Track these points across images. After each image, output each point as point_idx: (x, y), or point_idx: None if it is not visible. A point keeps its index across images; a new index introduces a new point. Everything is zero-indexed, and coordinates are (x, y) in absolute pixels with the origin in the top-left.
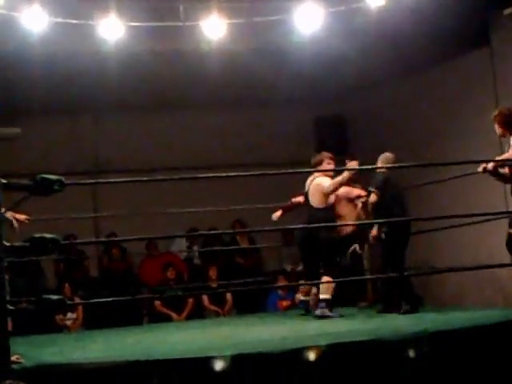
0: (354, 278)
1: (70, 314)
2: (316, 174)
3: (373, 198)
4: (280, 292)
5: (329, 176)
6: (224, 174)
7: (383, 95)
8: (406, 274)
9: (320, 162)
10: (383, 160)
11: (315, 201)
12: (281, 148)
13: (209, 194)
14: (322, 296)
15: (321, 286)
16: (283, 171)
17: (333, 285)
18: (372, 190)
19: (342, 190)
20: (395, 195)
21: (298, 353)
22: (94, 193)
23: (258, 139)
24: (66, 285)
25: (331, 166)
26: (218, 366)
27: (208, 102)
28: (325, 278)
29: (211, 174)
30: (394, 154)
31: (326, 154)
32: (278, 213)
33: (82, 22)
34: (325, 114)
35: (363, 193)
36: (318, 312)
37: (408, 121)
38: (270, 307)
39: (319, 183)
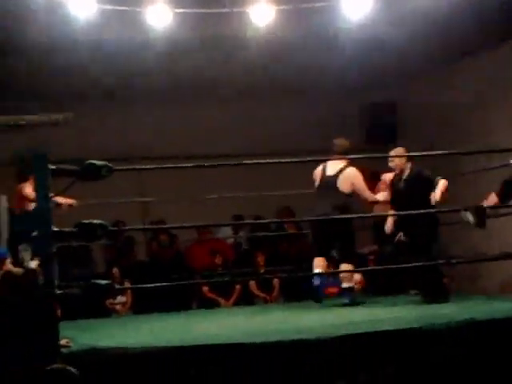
0: (400, 266)
1: (119, 299)
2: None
3: None
4: (327, 279)
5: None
6: (273, 161)
7: (433, 81)
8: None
9: (349, 151)
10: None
11: (346, 188)
12: (328, 135)
13: (256, 181)
14: (345, 284)
15: (343, 274)
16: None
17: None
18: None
19: (389, 176)
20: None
21: (346, 339)
22: (142, 179)
23: (304, 126)
24: (115, 270)
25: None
26: (265, 352)
27: (256, 89)
28: (344, 265)
29: (259, 161)
30: (404, 148)
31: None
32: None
33: (129, 8)
34: (373, 100)
35: None
36: (347, 299)
37: (458, 108)
38: (321, 293)
39: (353, 179)
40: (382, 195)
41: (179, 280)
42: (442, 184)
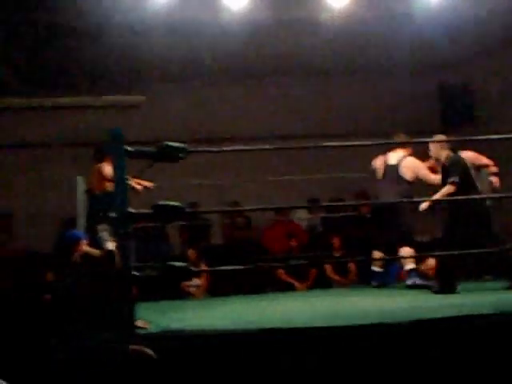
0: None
1: (194, 281)
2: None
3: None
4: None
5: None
6: (348, 143)
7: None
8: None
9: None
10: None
11: (409, 175)
12: (404, 117)
13: (332, 164)
14: (408, 266)
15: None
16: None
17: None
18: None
19: (469, 155)
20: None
21: (421, 324)
22: (218, 161)
23: (381, 108)
24: (191, 252)
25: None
26: (342, 335)
27: (331, 70)
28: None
29: (337, 143)
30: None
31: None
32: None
33: None
34: (449, 81)
35: (491, 162)
36: (409, 282)
37: None
38: (392, 278)
39: (415, 166)
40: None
41: (254, 263)
42: (443, 190)
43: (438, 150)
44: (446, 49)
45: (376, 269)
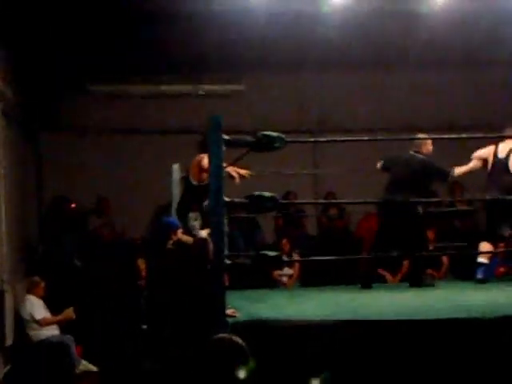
0: None
1: (286, 270)
2: None
3: None
4: (497, 258)
5: None
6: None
7: None
8: None
9: None
10: None
11: None
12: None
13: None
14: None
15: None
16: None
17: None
18: None
19: None
20: None
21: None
22: (315, 152)
23: (480, 99)
24: (285, 241)
25: None
26: (431, 328)
27: (427, 60)
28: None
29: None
30: None
31: None
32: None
33: None
34: None
35: None
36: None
37: None
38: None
39: None
40: None
41: (348, 254)
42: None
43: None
44: None
45: (483, 260)
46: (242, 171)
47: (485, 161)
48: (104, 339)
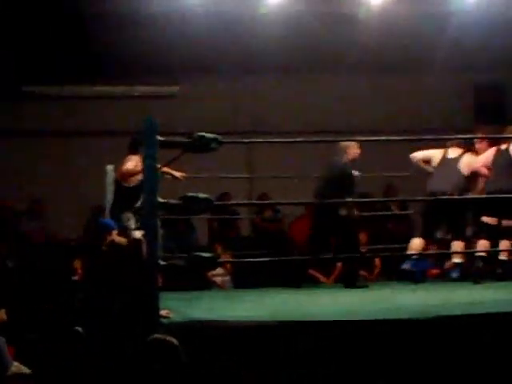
0: None
1: (219, 272)
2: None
3: None
4: (429, 260)
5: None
6: (382, 138)
7: None
8: None
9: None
10: None
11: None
12: (438, 114)
13: (361, 159)
14: (456, 260)
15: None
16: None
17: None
18: None
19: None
20: None
21: (443, 321)
22: (249, 153)
23: (415, 105)
24: (218, 242)
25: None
26: (362, 330)
27: (365, 66)
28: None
29: (366, 138)
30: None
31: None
32: None
33: None
34: (484, 81)
35: None
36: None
37: None
38: (418, 274)
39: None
40: None
41: (281, 255)
42: None
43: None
44: (483, 49)
45: (457, 260)
46: (177, 173)
47: (427, 162)
48: (38, 341)
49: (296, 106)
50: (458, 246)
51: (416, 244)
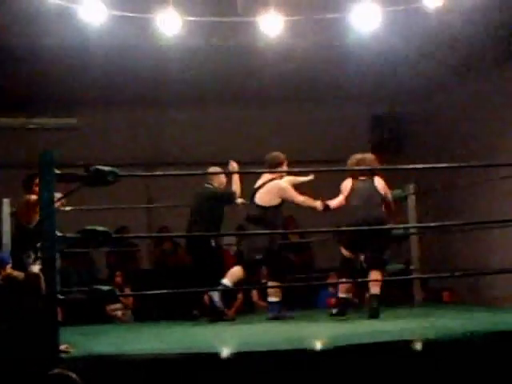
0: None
1: (119, 305)
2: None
3: None
4: (330, 289)
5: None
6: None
7: (441, 97)
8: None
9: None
10: None
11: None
12: (336, 145)
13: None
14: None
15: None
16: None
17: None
18: None
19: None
20: None
21: (345, 351)
22: (149, 186)
23: (313, 135)
24: (118, 276)
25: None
26: (266, 361)
27: (263, 97)
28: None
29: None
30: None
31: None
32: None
33: (140, 15)
34: (381, 112)
35: None
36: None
37: (465, 124)
38: (320, 304)
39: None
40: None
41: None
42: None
43: None
44: (381, 82)
45: (274, 299)
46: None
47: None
48: None
49: (195, 137)
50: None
51: (236, 273)
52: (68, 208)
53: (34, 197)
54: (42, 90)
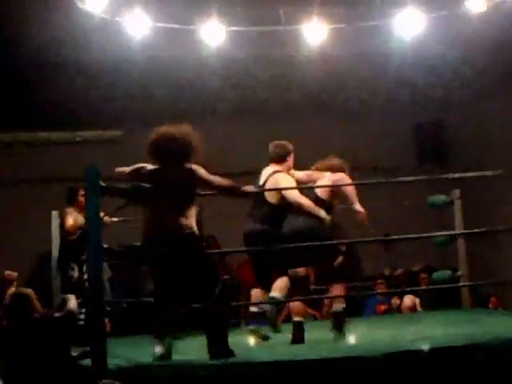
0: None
1: None
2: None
3: None
4: (378, 296)
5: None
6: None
7: (485, 104)
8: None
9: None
10: None
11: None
12: (380, 154)
13: None
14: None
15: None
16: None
17: None
18: None
19: None
20: None
21: (394, 357)
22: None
23: (356, 144)
24: None
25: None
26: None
27: (307, 106)
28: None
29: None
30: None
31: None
32: None
33: (183, 26)
34: (424, 120)
35: None
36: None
37: (510, 132)
38: (367, 311)
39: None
40: None
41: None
42: None
43: None
44: (423, 89)
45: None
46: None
47: None
48: None
49: (235, 148)
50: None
51: (256, 296)
52: (115, 219)
53: (73, 210)
54: (87, 103)
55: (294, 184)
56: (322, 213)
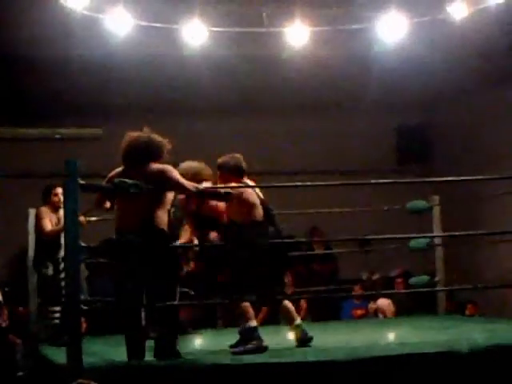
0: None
1: None
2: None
3: None
4: (355, 301)
5: None
6: (302, 183)
7: (467, 105)
8: None
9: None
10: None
11: None
12: (362, 155)
13: (287, 201)
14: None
15: None
16: (364, 182)
17: None
18: None
19: None
20: None
21: (368, 362)
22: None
23: (338, 146)
24: None
25: None
26: (286, 371)
27: (288, 107)
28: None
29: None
30: None
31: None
32: None
33: (165, 25)
34: (407, 122)
35: None
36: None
37: (491, 133)
38: (344, 315)
39: None
40: None
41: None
42: None
43: None
44: (406, 92)
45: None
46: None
47: None
48: None
49: (219, 147)
50: None
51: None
52: (94, 218)
53: (46, 209)
54: (66, 100)
55: None
56: None
